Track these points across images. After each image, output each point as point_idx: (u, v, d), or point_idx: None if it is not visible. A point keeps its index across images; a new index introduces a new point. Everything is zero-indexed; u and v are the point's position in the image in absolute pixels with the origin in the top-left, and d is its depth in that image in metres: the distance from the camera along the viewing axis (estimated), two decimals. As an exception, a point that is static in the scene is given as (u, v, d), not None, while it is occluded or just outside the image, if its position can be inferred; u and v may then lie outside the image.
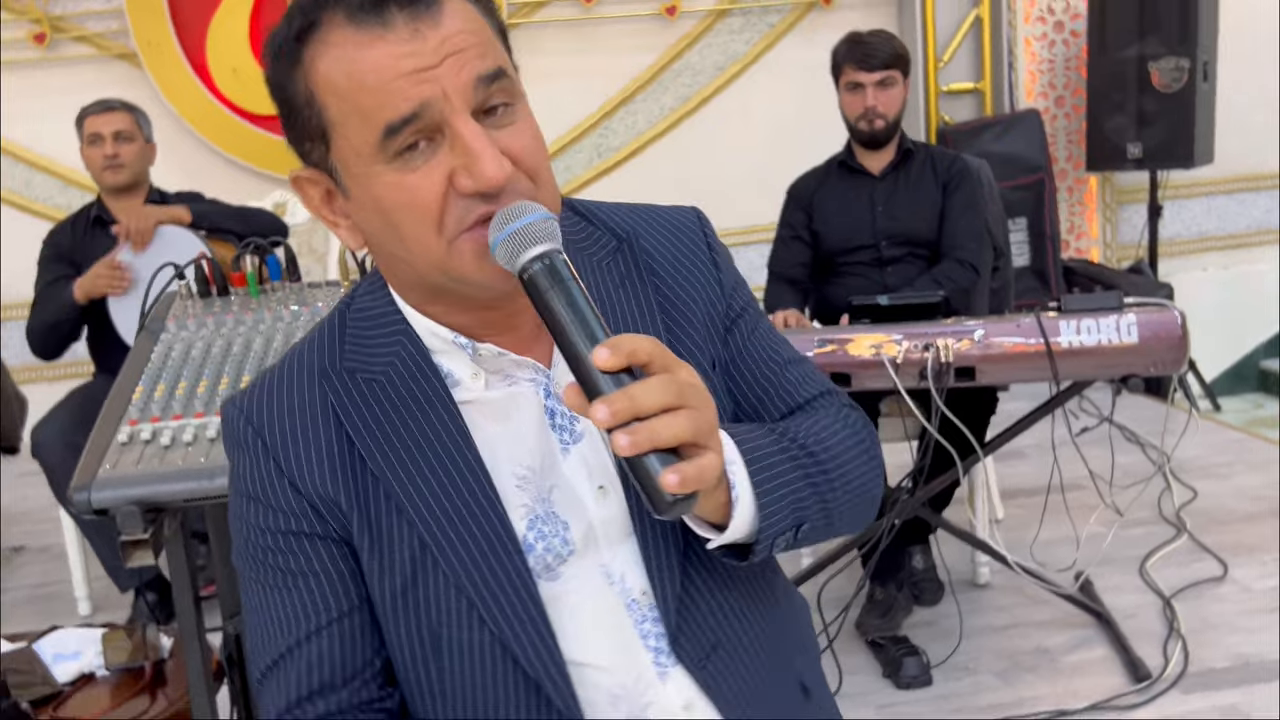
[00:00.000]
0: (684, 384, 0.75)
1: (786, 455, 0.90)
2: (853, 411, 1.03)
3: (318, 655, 0.89)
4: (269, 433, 0.91)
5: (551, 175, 0.88)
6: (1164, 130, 4.59)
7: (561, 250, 0.79)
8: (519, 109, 0.85)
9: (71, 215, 3.22)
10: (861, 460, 0.99)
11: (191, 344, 1.56)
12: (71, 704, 1.54)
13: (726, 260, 1.02)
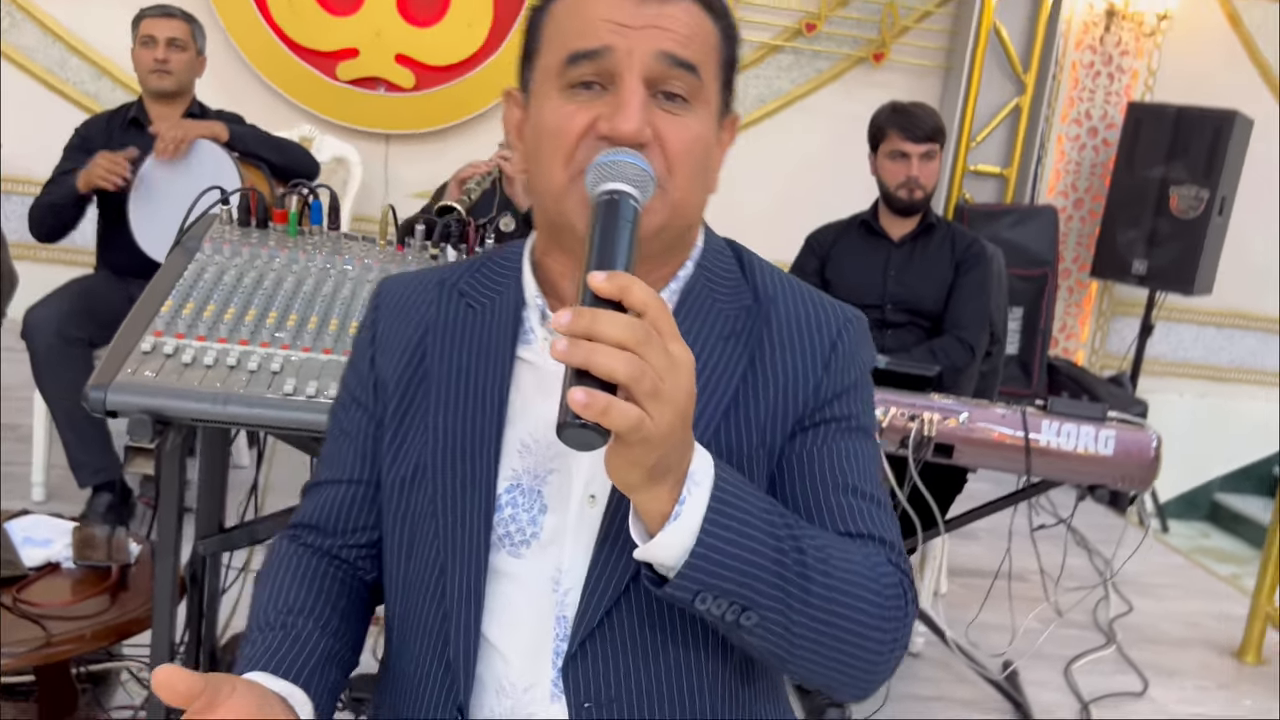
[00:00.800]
0: (656, 342, 0.73)
1: (769, 534, 0.83)
2: (895, 573, 0.91)
3: (329, 500, 1.04)
4: (383, 312, 1.04)
5: (695, 183, 0.93)
6: (1172, 253, 4.71)
7: (638, 201, 0.84)
8: (697, 112, 0.91)
9: (109, 111, 3.23)
10: (863, 614, 0.87)
11: (225, 269, 1.59)
12: (35, 589, 1.57)
13: (846, 372, 0.97)
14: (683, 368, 0.76)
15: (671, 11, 0.90)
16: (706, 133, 0.93)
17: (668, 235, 0.94)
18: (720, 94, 0.95)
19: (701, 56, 0.91)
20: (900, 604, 0.90)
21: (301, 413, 1.36)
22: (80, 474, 2.92)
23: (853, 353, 0.99)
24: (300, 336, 1.48)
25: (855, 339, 1.00)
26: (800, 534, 0.86)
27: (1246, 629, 3.15)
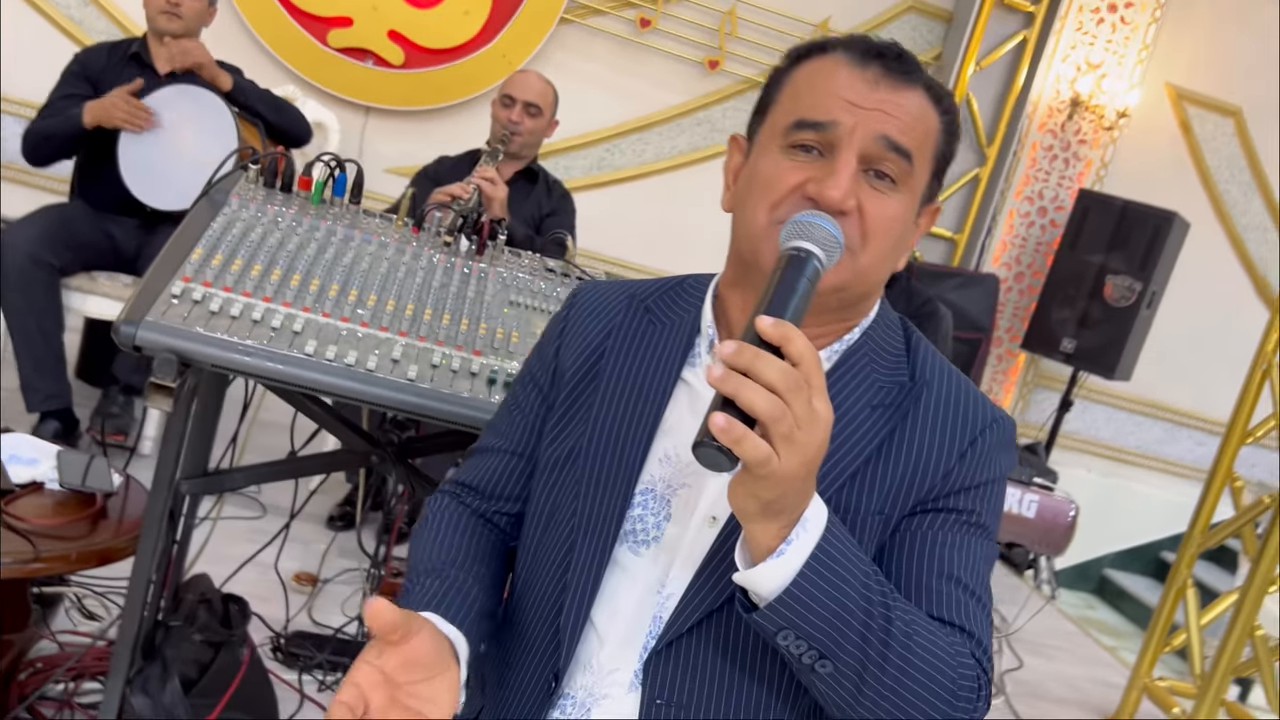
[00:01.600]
0: (803, 393, 0.79)
1: (862, 595, 0.87)
2: (974, 667, 0.94)
3: (491, 467, 1.16)
4: (575, 311, 1.16)
5: (883, 257, 1.00)
6: (1100, 337, 4.97)
7: (822, 264, 0.91)
8: (901, 194, 0.99)
9: (109, 43, 3.23)
10: (933, 694, 0.90)
11: (251, 226, 1.66)
12: (20, 505, 1.61)
13: (980, 469, 1.01)
14: (821, 422, 0.81)
15: (900, 100, 0.98)
16: (906, 215, 1.01)
17: (845, 296, 1.01)
18: (929, 184, 1.03)
19: (918, 145, 0.99)
20: (972, 698, 0.93)
21: (318, 374, 1.43)
22: (31, 397, 2.93)
23: (991, 454, 1.02)
24: (321, 302, 1.55)
25: (998, 441, 1.02)
26: (893, 604, 0.89)
27: (1124, 696, 3.37)
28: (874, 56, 1.00)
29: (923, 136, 1.00)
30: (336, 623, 2.47)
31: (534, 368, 1.18)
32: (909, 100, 0.99)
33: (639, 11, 5.00)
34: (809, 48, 1.05)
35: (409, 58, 4.91)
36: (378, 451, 1.78)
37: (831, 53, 1.02)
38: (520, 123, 3.13)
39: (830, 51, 1.02)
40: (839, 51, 1.01)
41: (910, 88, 1.00)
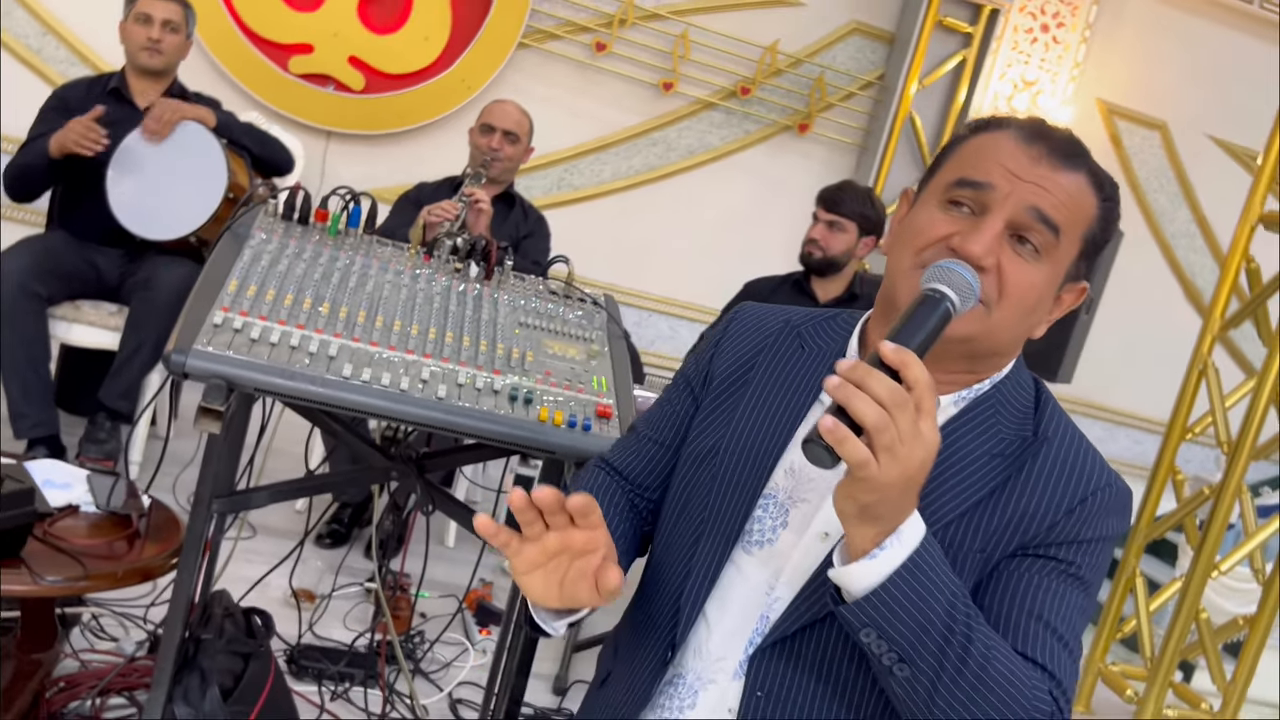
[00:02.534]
0: (909, 412, 0.87)
1: (947, 610, 0.94)
2: (1050, 704, 0.98)
3: (638, 455, 1.29)
4: (735, 325, 1.27)
5: (1016, 319, 1.07)
6: (1042, 343, 5.10)
7: (954, 307, 0.99)
8: (1044, 265, 1.06)
9: (89, 78, 3.29)
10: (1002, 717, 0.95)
11: (277, 257, 1.76)
12: (60, 527, 1.68)
13: (1087, 527, 1.05)
14: (924, 442, 0.89)
15: (1059, 179, 1.06)
16: (1045, 285, 1.07)
17: (974, 348, 1.08)
18: (1076, 262, 1.09)
19: (1068, 222, 1.06)
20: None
21: (358, 395, 1.54)
22: (19, 425, 2.97)
23: (1101, 514, 1.07)
24: (350, 328, 1.66)
25: (1110, 504, 1.07)
26: (977, 626, 0.96)
27: (1080, 682, 3.56)
28: (1042, 137, 1.08)
29: (1074, 215, 1.06)
30: (338, 636, 2.56)
31: (689, 369, 1.30)
32: (1067, 181, 1.06)
33: (595, 36, 5.14)
34: (987, 121, 1.14)
35: (369, 83, 4.99)
36: (398, 467, 1.88)
37: (1005, 129, 1.11)
38: (500, 149, 3.26)
39: (1005, 127, 1.11)
40: (1012, 128, 1.10)
41: (1072, 171, 1.07)
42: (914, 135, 5.43)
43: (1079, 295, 1.13)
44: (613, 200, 5.35)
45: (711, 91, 5.32)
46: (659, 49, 5.21)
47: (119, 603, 2.33)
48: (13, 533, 1.53)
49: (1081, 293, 1.12)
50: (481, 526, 0.97)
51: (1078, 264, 1.10)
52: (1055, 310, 1.13)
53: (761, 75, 5.30)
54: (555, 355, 1.80)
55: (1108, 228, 1.10)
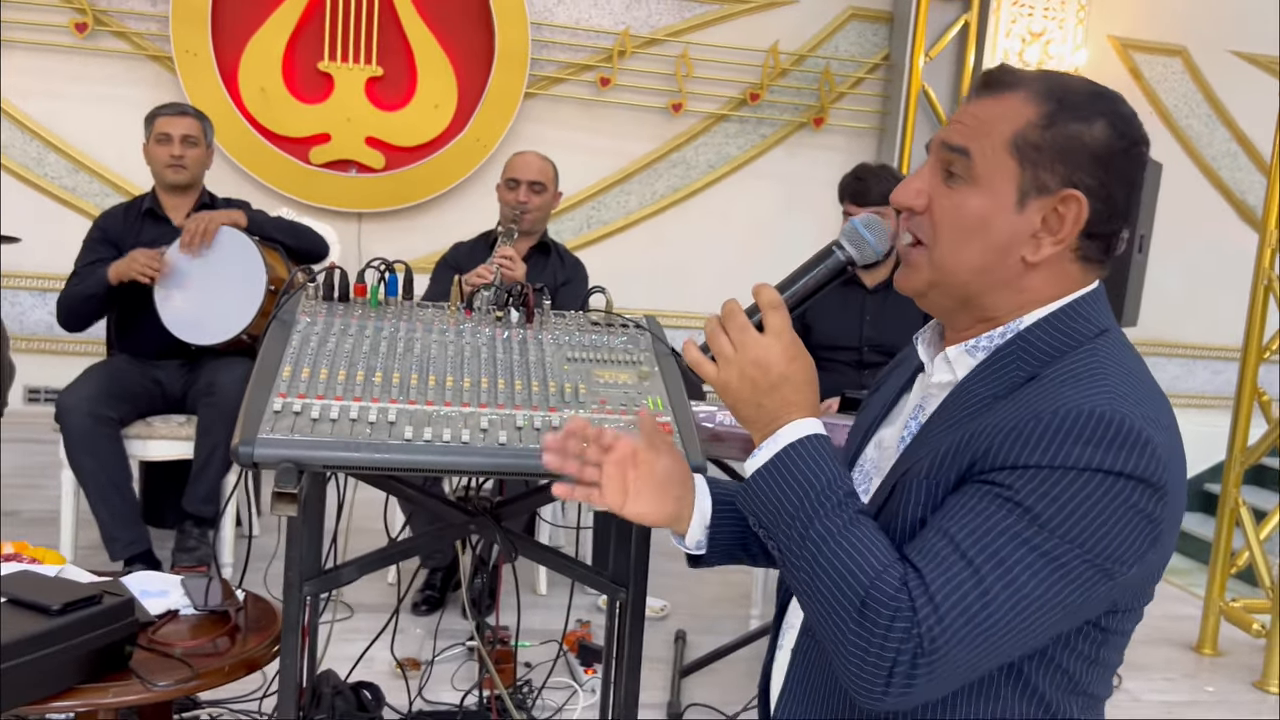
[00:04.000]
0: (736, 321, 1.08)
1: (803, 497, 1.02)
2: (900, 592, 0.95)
3: None
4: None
5: (959, 250, 1.07)
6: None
7: (850, 253, 1.15)
8: (969, 190, 1.07)
9: (124, 203, 3.40)
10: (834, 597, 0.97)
11: (325, 337, 1.80)
12: (163, 633, 1.72)
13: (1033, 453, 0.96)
14: (758, 347, 1.06)
15: (970, 108, 1.09)
16: (978, 206, 1.06)
17: (943, 292, 1.11)
18: (1025, 172, 1.05)
19: (975, 140, 1.06)
20: (886, 619, 0.94)
21: (425, 455, 1.56)
22: (113, 548, 3.05)
23: (1055, 439, 0.96)
24: (404, 391, 1.69)
25: (1072, 430, 0.95)
26: (823, 513, 1.01)
27: (1202, 625, 3.46)
28: (975, 85, 1.12)
29: (981, 132, 1.06)
30: (448, 699, 2.58)
31: None
32: (984, 107, 1.08)
33: (597, 72, 5.20)
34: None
35: (389, 159, 5.11)
36: (475, 520, 1.90)
37: None
38: (527, 201, 3.31)
39: None
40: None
41: (987, 97, 1.08)
42: (930, 109, 5.39)
43: (1070, 203, 1.05)
44: (643, 228, 5.39)
45: (721, 104, 5.35)
46: (662, 72, 5.26)
47: (233, 699, 2.38)
48: (118, 645, 1.57)
49: (1068, 199, 1.04)
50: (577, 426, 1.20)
51: (1030, 175, 1.05)
52: (1049, 228, 1.06)
53: (768, 78, 5.32)
54: (607, 383, 1.81)
55: (1054, 124, 1.04)
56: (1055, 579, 0.95)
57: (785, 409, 1.06)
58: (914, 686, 0.94)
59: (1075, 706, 1.08)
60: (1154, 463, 0.96)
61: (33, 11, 4.74)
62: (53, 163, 4.89)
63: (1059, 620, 0.98)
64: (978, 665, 0.97)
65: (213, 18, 4.81)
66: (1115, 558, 0.96)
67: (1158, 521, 0.97)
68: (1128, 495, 0.95)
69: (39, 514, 3.66)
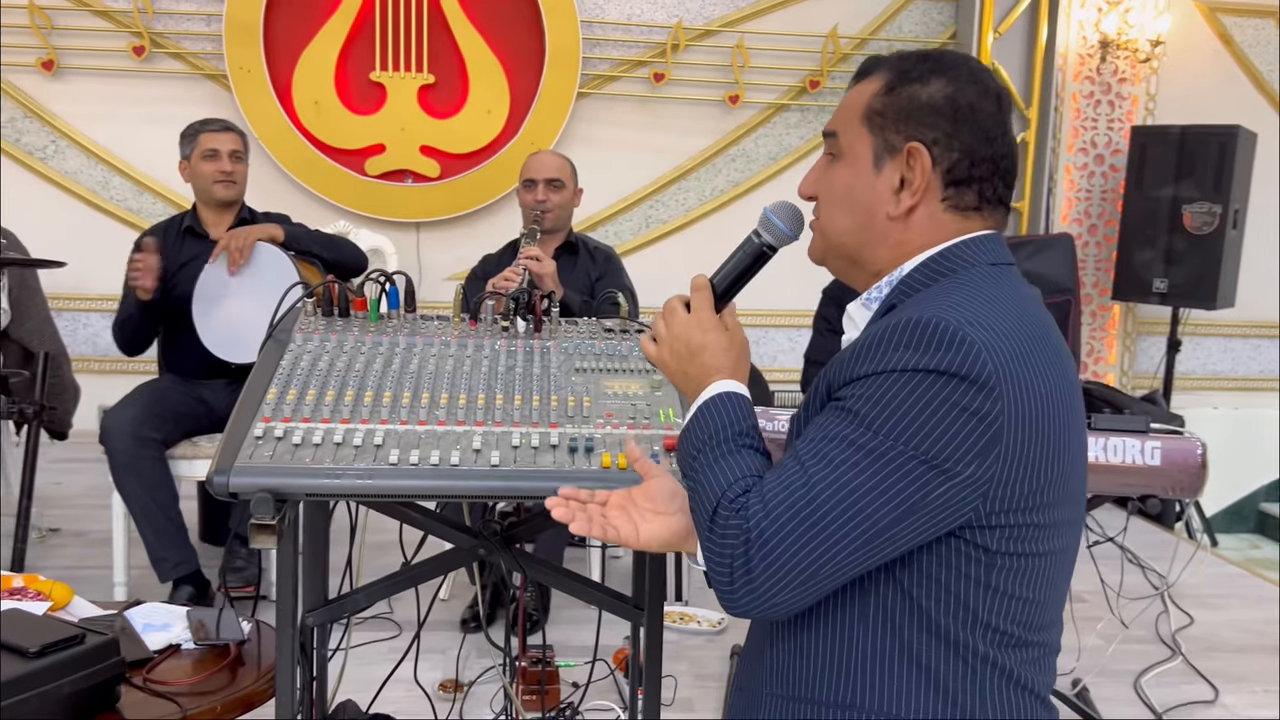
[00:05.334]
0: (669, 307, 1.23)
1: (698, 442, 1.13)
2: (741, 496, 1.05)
3: None
4: None
5: (833, 216, 1.19)
6: (1191, 270, 4.80)
7: (767, 242, 1.24)
8: (838, 166, 1.19)
9: (164, 222, 3.39)
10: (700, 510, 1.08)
11: (318, 356, 1.72)
12: (161, 670, 1.66)
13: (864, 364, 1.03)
14: (679, 326, 1.20)
15: (847, 96, 1.22)
16: (843, 176, 1.19)
17: (833, 256, 1.23)
18: (875, 137, 1.16)
19: (841, 121, 1.20)
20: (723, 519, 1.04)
21: (408, 479, 1.47)
22: (161, 569, 3.04)
23: (875, 350, 1.03)
24: (395, 411, 1.59)
25: (892, 338, 1.02)
26: (711, 448, 1.11)
27: (1309, 630, 3.19)
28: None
29: (847, 111, 1.19)
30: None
31: None
32: (851, 93, 1.21)
33: (651, 68, 5.08)
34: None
35: (445, 167, 5.07)
36: (482, 543, 1.80)
37: None
38: (546, 200, 3.22)
39: None
40: None
41: (858, 84, 1.20)
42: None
43: (914, 155, 1.13)
44: (704, 225, 5.25)
45: (780, 94, 5.18)
46: (718, 64, 5.12)
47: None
48: (105, 685, 1.51)
49: (912, 152, 1.13)
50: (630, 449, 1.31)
51: (881, 139, 1.16)
52: (906, 184, 1.15)
53: (828, 64, 5.13)
54: (615, 395, 1.69)
55: (894, 90, 1.15)
56: (880, 473, 1.00)
57: (706, 373, 1.18)
58: (754, 580, 1.01)
59: (983, 642, 1.07)
60: (972, 359, 1.00)
61: (93, 38, 4.82)
62: (118, 185, 4.96)
63: (899, 518, 1.00)
64: (817, 558, 1.00)
65: (265, 34, 4.83)
66: (944, 455, 0.99)
67: (987, 418, 1.00)
68: (948, 392, 1.00)
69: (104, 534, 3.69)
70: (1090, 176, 5.28)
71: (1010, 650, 1.09)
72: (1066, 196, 5.28)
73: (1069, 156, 5.24)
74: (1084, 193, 5.30)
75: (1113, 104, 5.21)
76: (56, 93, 4.87)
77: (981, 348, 1.00)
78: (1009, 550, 1.06)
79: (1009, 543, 1.05)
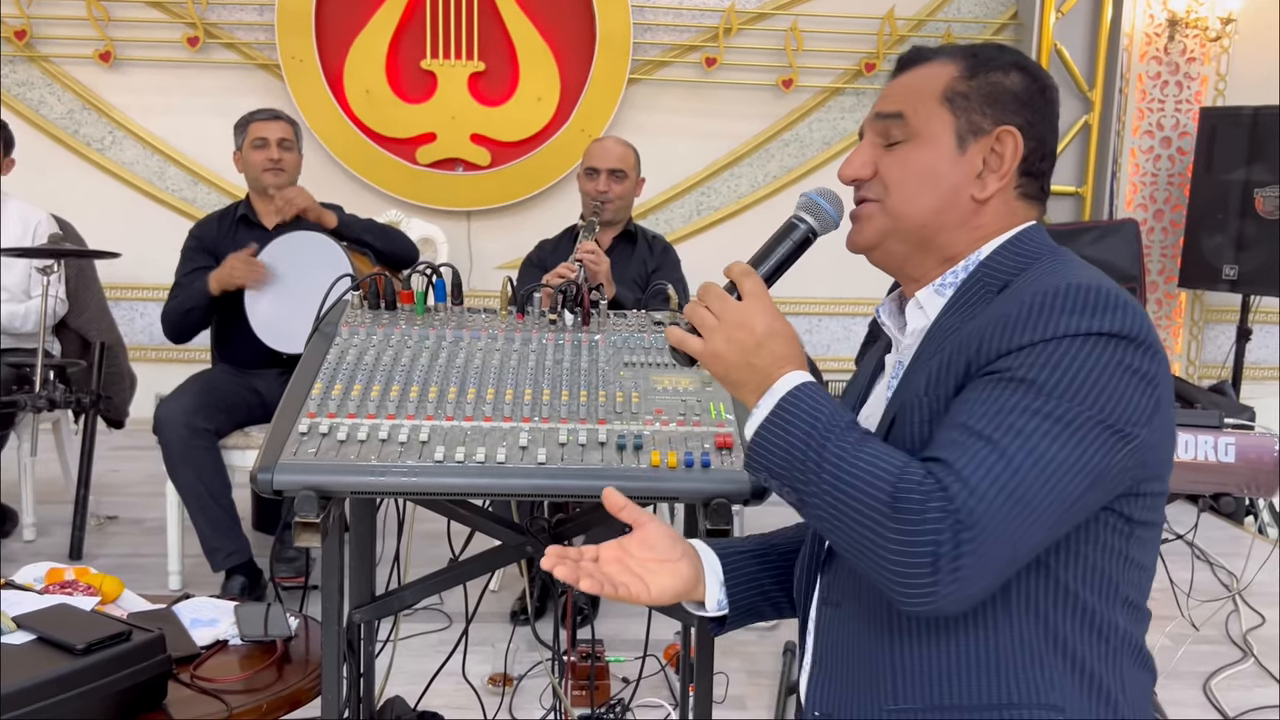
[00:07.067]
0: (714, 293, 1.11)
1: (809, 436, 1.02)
2: (925, 480, 0.95)
3: None
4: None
5: (913, 197, 1.14)
6: (1262, 255, 4.63)
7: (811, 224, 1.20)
8: (913, 146, 1.15)
9: (218, 211, 3.41)
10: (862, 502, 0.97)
11: (364, 350, 1.69)
12: (208, 666, 1.66)
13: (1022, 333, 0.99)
14: (738, 312, 1.09)
15: (897, 82, 1.19)
16: (926, 157, 1.15)
17: (900, 238, 1.16)
18: (958, 118, 1.14)
19: (907, 102, 1.16)
20: (919, 507, 0.94)
21: (453, 478, 1.44)
22: (214, 559, 3.06)
23: (1036, 317, 0.99)
24: (442, 406, 1.56)
25: (1053, 303, 0.99)
26: (834, 436, 1.01)
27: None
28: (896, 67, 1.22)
29: (916, 93, 1.16)
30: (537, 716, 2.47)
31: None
32: (906, 78, 1.18)
33: (703, 52, 5.01)
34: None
35: (495, 156, 5.04)
36: (530, 540, 1.77)
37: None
38: (608, 190, 3.16)
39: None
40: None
41: (913, 69, 1.18)
42: (1064, 68, 5.00)
43: (1006, 139, 1.13)
44: (756, 212, 5.17)
45: (835, 77, 5.09)
46: (771, 48, 5.03)
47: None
48: (151, 683, 1.50)
49: (1004, 136, 1.13)
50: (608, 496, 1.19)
51: (965, 120, 1.14)
52: (990, 166, 1.14)
53: (884, 47, 5.03)
54: (665, 390, 1.64)
55: (976, 75, 1.14)
56: (1074, 441, 0.96)
57: (776, 364, 1.08)
58: (961, 569, 0.93)
59: (1122, 617, 1.07)
60: (1138, 321, 1.00)
61: (147, 29, 4.86)
62: (173, 175, 5.01)
63: (1089, 488, 0.97)
64: (1020, 539, 0.95)
65: (316, 23, 4.83)
66: (1125, 418, 0.98)
67: (1153, 380, 1.00)
68: (1120, 354, 0.98)
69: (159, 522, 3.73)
70: (1156, 160, 5.12)
71: (1137, 624, 1.09)
72: (1131, 181, 5.12)
73: (1134, 139, 5.09)
74: (1149, 177, 5.14)
75: (1181, 85, 5.04)
76: (113, 84, 4.92)
77: (1137, 310, 1.01)
78: (1144, 519, 1.06)
79: (1145, 511, 1.06)
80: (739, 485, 1.43)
